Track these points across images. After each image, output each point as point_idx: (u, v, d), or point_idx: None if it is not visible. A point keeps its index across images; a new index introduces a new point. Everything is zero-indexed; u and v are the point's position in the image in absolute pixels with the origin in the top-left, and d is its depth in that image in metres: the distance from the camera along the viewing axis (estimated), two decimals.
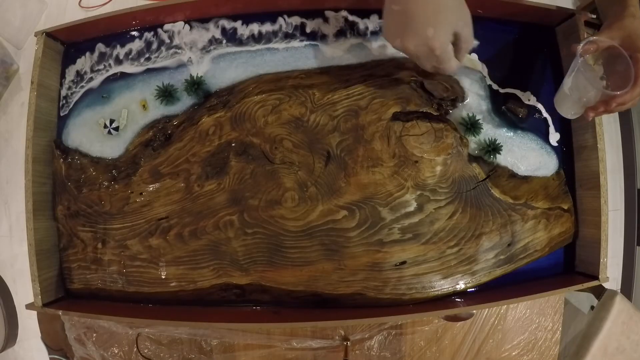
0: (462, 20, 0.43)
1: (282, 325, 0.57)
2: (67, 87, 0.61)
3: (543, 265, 0.59)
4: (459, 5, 0.43)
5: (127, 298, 0.58)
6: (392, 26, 0.45)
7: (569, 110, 0.54)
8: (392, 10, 0.43)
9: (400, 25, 0.43)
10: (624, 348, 0.72)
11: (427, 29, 0.41)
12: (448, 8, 0.42)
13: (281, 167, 0.54)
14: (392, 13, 0.44)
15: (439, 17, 0.41)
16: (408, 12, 0.41)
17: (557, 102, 0.56)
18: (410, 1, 0.41)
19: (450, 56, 0.44)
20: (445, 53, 0.43)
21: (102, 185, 0.57)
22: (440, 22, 0.42)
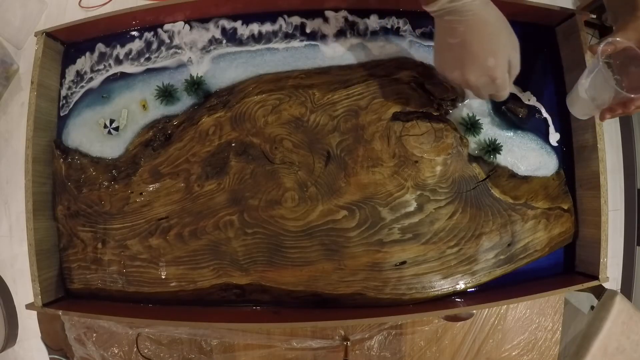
0: (513, 47, 0.44)
1: (282, 325, 0.57)
2: (67, 87, 0.61)
3: (543, 265, 0.59)
4: (510, 32, 0.44)
5: (127, 298, 0.58)
6: (450, 59, 0.45)
7: (582, 110, 0.54)
8: (448, 44, 0.43)
9: (459, 58, 0.43)
10: (624, 348, 0.72)
11: (488, 59, 0.42)
12: (503, 36, 0.43)
13: (281, 167, 0.54)
14: (449, 46, 0.44)
15: (497, 46, 0.42)
16: (467, 44, 0.42)
17: (570, 103, 0.55)
18: (468, 32, 0.41)
19: (507, 83, 0.45)
20: (504, 81, 0.44)
21: (102, 185, 0.57)
22: (499, 51, 0.42)
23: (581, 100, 0.52)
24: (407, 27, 0.57)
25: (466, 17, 0.40)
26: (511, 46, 0.43)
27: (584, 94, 0.51)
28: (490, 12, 0.41)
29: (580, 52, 0.56)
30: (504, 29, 0.43)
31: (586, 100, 0.51)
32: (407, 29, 0.57)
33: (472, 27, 0.41)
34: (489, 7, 0.41)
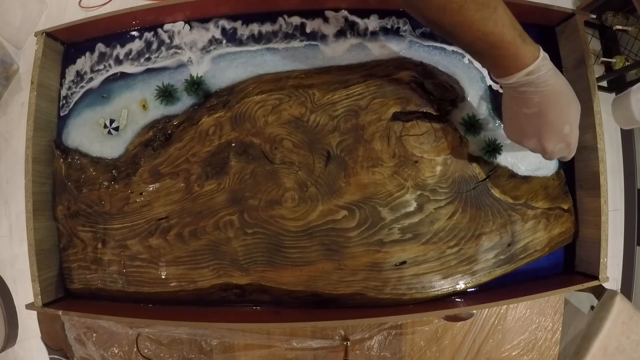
0: (579, 110, 0.46)
1: (282, 325, 0.57)
2: (67, 87, 0.61)
3: (543, 265, 0.59)
4: (576, 98, 0.45)
5: (127, 298, 0.58)
6: (526, 128, 0.46)
7: (626, 120, 0.54)
8: (523, 114, 0.45)
9: (535, 127, 0.45)
10: (624, 348, 0.72)
11: (564, 127, 0.44)
12: (574, 104, 0.45)
13: (281, 167, 0.54)
14: (524, 116, 0.45)
15: (570, 112, 0.44)
16: (543, 113, 0.44)
17: (616, 108, 0.55)
18: (544, 103, 0.43)
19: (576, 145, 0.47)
20: (576, 145, 0.46)
21: (102, 185, 0.57)
22: (572, 117, 0.45)
23: (630, 110, 0.52)
24: (407, 27, 0.57)
25: (542, 88, 0.42)
26: (578, 110, 0.45)
27: (635, 106, 0.51)
28: (561, 81, 0.43)
29: (580, 52, 0.56)
30: (574, 96, 0.45)
31: (635, 111, 0.51)
32: (407, 29, 0.57)
33: (548, 98, 0.43)
34: (559, 77, 0.43)
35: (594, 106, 0.55)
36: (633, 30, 1.57)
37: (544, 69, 0.41)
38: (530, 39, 0.41)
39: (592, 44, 1.69)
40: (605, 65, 1.73)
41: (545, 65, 0.41)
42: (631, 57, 1.59)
